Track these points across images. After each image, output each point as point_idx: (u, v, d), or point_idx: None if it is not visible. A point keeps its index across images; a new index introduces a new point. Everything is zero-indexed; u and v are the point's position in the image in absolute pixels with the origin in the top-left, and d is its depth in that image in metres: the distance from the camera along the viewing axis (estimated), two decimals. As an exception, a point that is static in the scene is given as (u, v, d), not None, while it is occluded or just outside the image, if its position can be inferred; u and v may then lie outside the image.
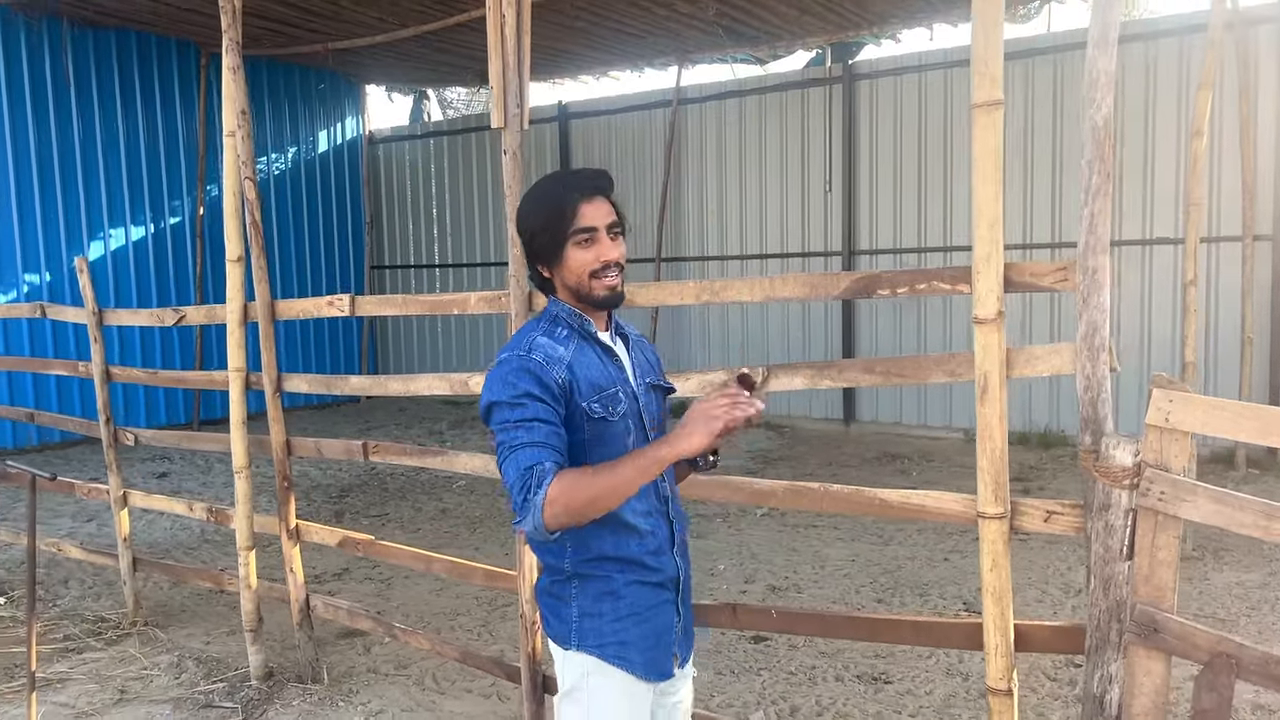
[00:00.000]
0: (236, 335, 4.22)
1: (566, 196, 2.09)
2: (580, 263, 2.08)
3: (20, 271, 9.95)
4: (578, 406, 2.04)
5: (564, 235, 2.07)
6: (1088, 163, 2.23)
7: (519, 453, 1.94)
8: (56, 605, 5.41)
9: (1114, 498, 2.25)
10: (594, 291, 2.10)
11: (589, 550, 2.11)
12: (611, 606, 2.11)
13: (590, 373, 2.08)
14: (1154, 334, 8.92)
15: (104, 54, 10.57)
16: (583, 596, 2.12)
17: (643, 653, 2.12)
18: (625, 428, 2.11)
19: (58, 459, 9.32)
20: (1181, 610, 4.86)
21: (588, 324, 2.14)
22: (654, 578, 2.14)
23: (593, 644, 2.11)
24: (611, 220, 2.11)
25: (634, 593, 2.12)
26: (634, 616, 2.12)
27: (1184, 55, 8.54)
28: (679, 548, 2.23)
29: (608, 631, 2.11)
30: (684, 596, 2.24)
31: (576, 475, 1.90)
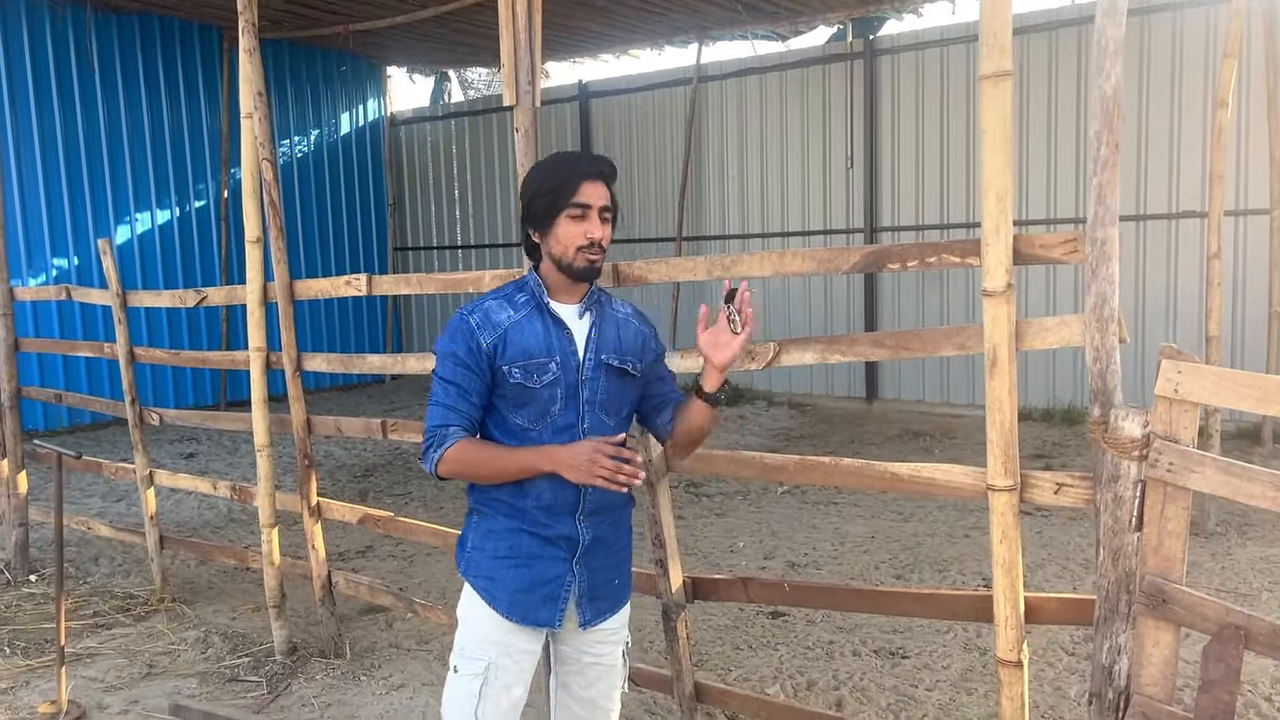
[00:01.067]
0: (256, 315, 4.26)
1: (571, 171, 2.25)
2: (569, 234, 2.25)
3: (49, 255, 10.09)
4: (499, 369, 2.23)
5: (560, 205, 2.24)
6: (1096, 133, 2.22)
7: (435, 408, 2.24)
8: (87, 582, 5.52)
9: (1123, 469, 2.24)
10: (575, 262, 2.26)
11: (489, 491, 2.30)
12: (492, 545, 2.31)
13: (527, 340, 2.25)
14: (1180, 308, 8.83)
15: (127, 39, 10.65)
16: (475, 531, 2.35)
17: (510, 594, 2.28)
18: (551, 396, 2.25)
19: (88, 440, 9.48)
20: (1203, 585, 4.86)
21: (543, 295, 2.31)
22: (542, 531, 2.28)
23: (473, 573, 2.34)
24: (605, 204, 2.27)
25: (513, 538, 2.29)
26: (510, 559, 2.29)
27: (1210, 25, 8.40)
28: (588, 514, 2.30)
29: (484, 565, 2.32)
30: (589, 560, 2.33)
31: (472, 450, 2.20)
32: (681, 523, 6.22)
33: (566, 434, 2.26)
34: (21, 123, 9.83)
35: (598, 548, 2.34)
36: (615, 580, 2.42)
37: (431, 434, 2.22)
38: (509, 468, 2.20)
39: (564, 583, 2.31)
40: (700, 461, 3.15)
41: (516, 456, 2.20)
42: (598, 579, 2.36)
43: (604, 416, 2.33)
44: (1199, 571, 5.12)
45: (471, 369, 2.22)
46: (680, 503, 6.81)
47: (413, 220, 14.15)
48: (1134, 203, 8.84)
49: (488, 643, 2.30)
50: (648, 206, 11.94)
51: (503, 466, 2.21)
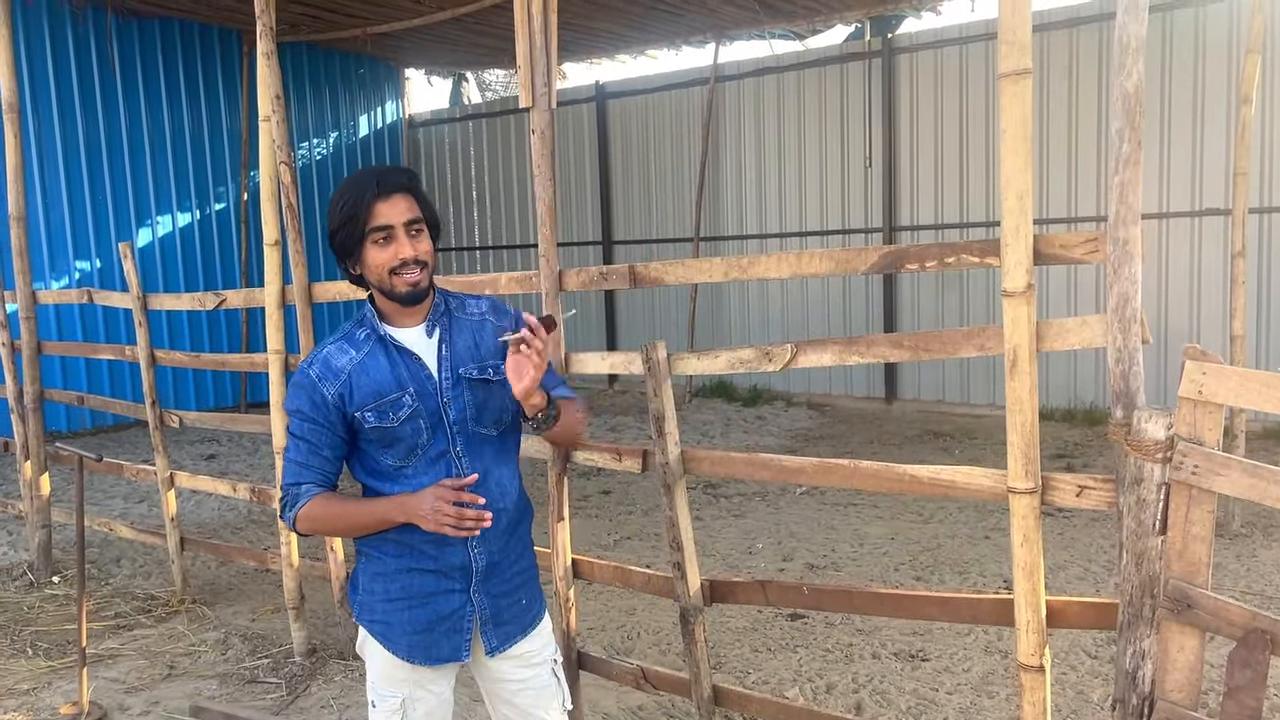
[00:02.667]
0: (274, 318, 4.28)
1: (360, 196, 2.11)
2: (378, 261, 2.13)
3: (71, 258, 10.17)
4: (353, 415, 2.15)
5: (359, 234, 2.12)
6: (1118, 131, 2.19)
7: (288, 465, 2.19)
8: (108, 584, 5.55)
9: (1146, 471, 2.21)
10: (395, 288, 2.14)
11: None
12: (383, 587, 2.24)
13: (374, 379, 2.15)
14: (1203, 307, 8.74)
15: (148, 43, 10.73)
16: (365, 573, 2.28)
17: (408, 636, 2.22)
18: (415, 429, 2.16)
19: (110, 441, 9.55)
20: (1228, 588, 4.81)
21: (379, 328, 2.20)
22: (430, 565, 2.20)
23: (366, 618, 2.27)
24: (410, 218, 2.14)
25: (405, 579, 2.22)
26: (403, 601, 2.22)
27: (1233, 21, 8.31)
28: (479, 541, 2.21)
29: (378, 610, 2.25)
30: (487, 587, 2.25)
31: (325, 507, 2.15)
32: (699, 524, 6.20)
33: (441, 462, 2.17)
34: (44, 126, 9.92)
35: (495, 572, 2.26)
36: (522, 600, 2.33)
37: (285, 492, 2.18)
38: (366, 522, 2.16)
39: (464, 614, 2.24)
40: (718, 464, 3.14)
41: (369, 510, 2.15)
42: (500, 604, 2.28)
43: (480, 430, 2.22)
44: (1223, 574, 5.06)
45: (319, 423, 2.15)
46: (698, 504, 6.79)
47: (431, 222, 14.17)
48: (1156, 200, 8.75)
49: (396, 681, 2.26)
50: (665, 207, 11.93)
51: (360, 522, 2.17)
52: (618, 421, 10.22)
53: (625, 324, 12.35)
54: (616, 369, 3.34)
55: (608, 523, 6.52)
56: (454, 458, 2.19)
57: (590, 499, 7.10)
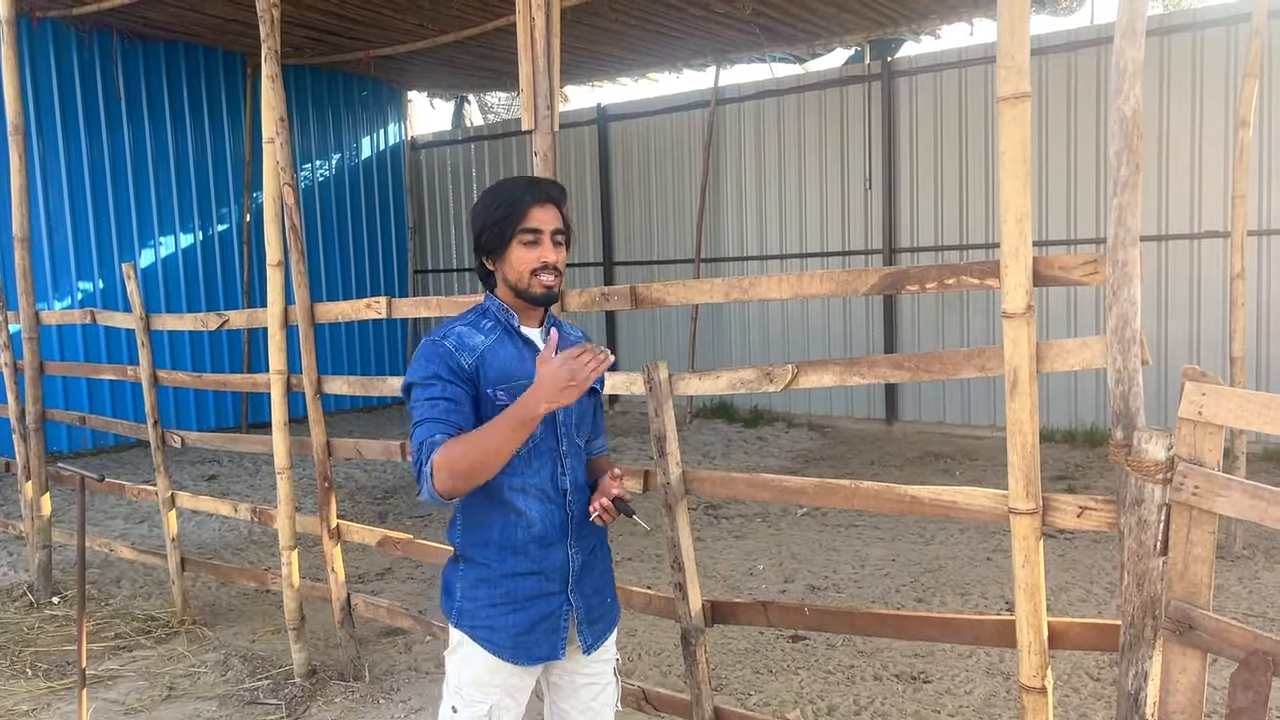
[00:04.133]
0: (277, 338, 4.29)
1: (520, 197, 2.26)
2: (522, 260, 2.26)
3: (74, 278, 10.21)
4: (483, 393, 2.20)
5: (511, 232, 2.25)
6: (1116, 154, 2.21)
7: (419, 428, 2.13)
8: (109, 604, 5.54)
9: (1147, 492, 2.22)
10: (531, 288, 2.27)
11: (477, 533, 2.30)
12: (487, 593, 2.29)
13: (503, 363, 2.24)
14: (1203, 329, 8.75)
15: (153, 66, 10.81)
16: (465, 580, 2.32)
17: (512, 638, 2.28)
18: None
19: (112, 462, 9.55)
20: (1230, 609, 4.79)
21: (512, 318, 2.32)
22: (533, 567, 2.28)
23: (467, 624, 2.31)
24: (557, 227, 2.28)
25: (510, 583, 2.28)
26: (507, 605, 2.28)
27: (1231, 45, 8.37)
28: (576, 538, 2.35)
29: (480, 616, 2.29)
30: (581, 587, 2.36)
31: (455, 441, 2.07)
32: (700, 545, 6.19)
33: (549, 459, 2.30)
34: (49, 147, 9.98)
35: (587, 572, 2.38)
36: (608, 599, 2.47)
37: (419, 452, 2.10)
38: (501, 435, 2.02)
39: (562, 614, 2.33)
40: (719, 484, 3.15)
41: (502, 423, 2.04)
42: (592, 602, 2.40)
43: (576, 439, 2.37)
44: (1226, 595, 5.05)
45: (459, 384, 2.17)
46: (699, 525, 6.78)
47: (433, 243, 14.24)
48: (1156, 223, 8.78)
49: (489, 686, 2.30)
50: (666, 228, 11.97)
51: (496, 434, 2.03)
52: (619, 442, 10.22)
53: (626, 345, 12.37)
54: (618, 389, 3.35)
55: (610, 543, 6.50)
56: (559, 457, 2.31)
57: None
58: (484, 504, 2.27)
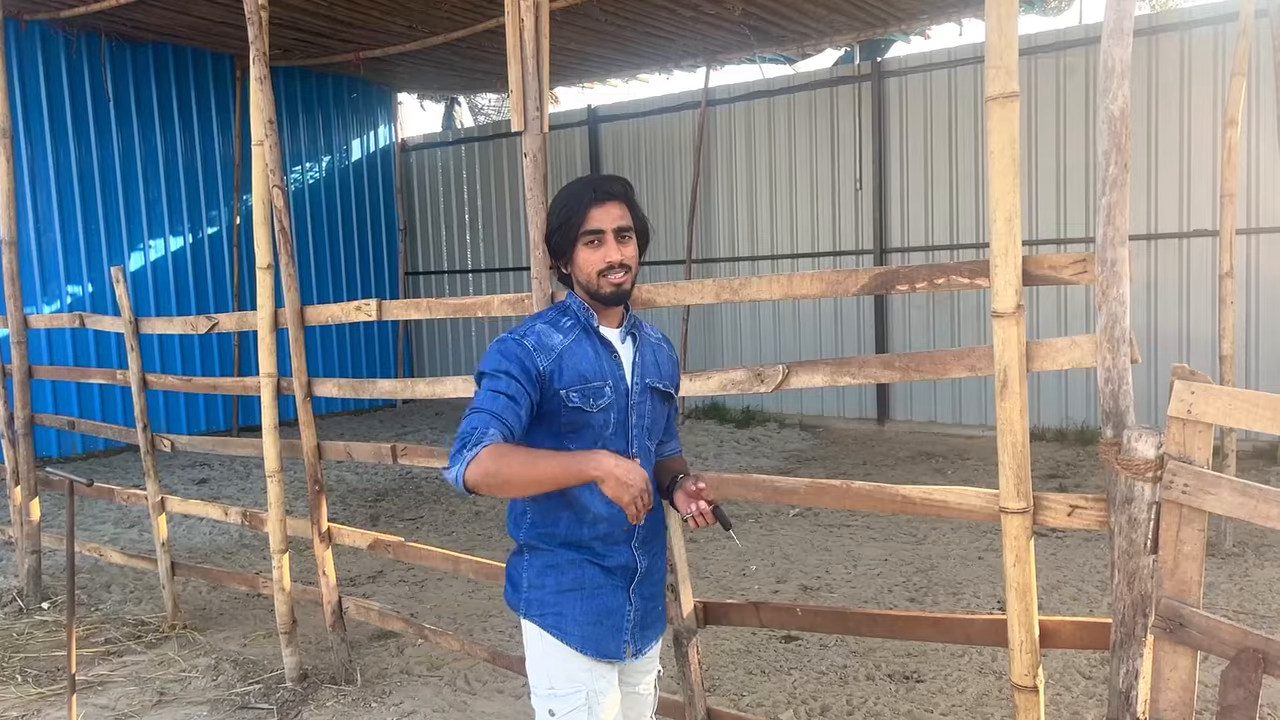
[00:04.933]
0: (267, 341, 4.28)
1: (578, 201, 2.24)
2: (588, 261, 2.25)
3: (64, 283, 10.17)
4: (556, 393, 2.19)
5: (574, 236, 2.24)
6: (1105, 153, 2.21)
7: (475, 414, 2.10)
8: (99, 609, 5.52)
9: (1137, 491, 2.22)
10: (600, 288, 2.25)
11: (543, 526, 2.28)
12: (555, 580, 2.28)
13: (580, 364, 2.23)
14: (1193, 327, 8.78)
15: (142, 68, 10.77)
16: (531, 568, 2.31)
17: (581, 627, 2.26)
18: (604, 421, 2.24)
19: (102, 466, 9.51)
20: (1221, 607, 4.81)
21: (592, 318, 2.29)
22: (602, 561, 2.28)
23: (536, 613, 2.28)
24: (621, 224, 2.25)
25: (577, 569, 2.27)
26: (576, 591, 2.27)
27: (1219, 44, 8.40)
28: (642, 541, 2.33)
29: (549, 602, 2.27)
30: (641, 589, 2.35)
31: (508, 451, 2.03)
32: (693, 546, 6.19)
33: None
34: (37, 150, 9.94)
35: (648, 576, 2.37)
36: (659, 607, 2.45)
37: (467, 435, 2.05)
38: (550, 466, 2.02)
39: (624, 613, 2.31)
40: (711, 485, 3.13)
41: (558, 460, 2.04)
42: (648, 606, 2.38)
43: (647, 442, 2.36)
44: (1217, 593, 5.06)
45: (524, 386, 2.15)
46: (692, 526, 6.77)
47: (424, 245, 14.21)
48: (1145, 222, 8.81)
49: (576, 677, 2.25)
50: (657, 229, 11.93)
51: (543, 466, 2.02)
52: (611, 444, 10.22)
53: (618, 346, 12.34)
54: (609, 391, 3.34)
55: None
56: (629, 455, 2.27)
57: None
58: (555, 499, 2.23)
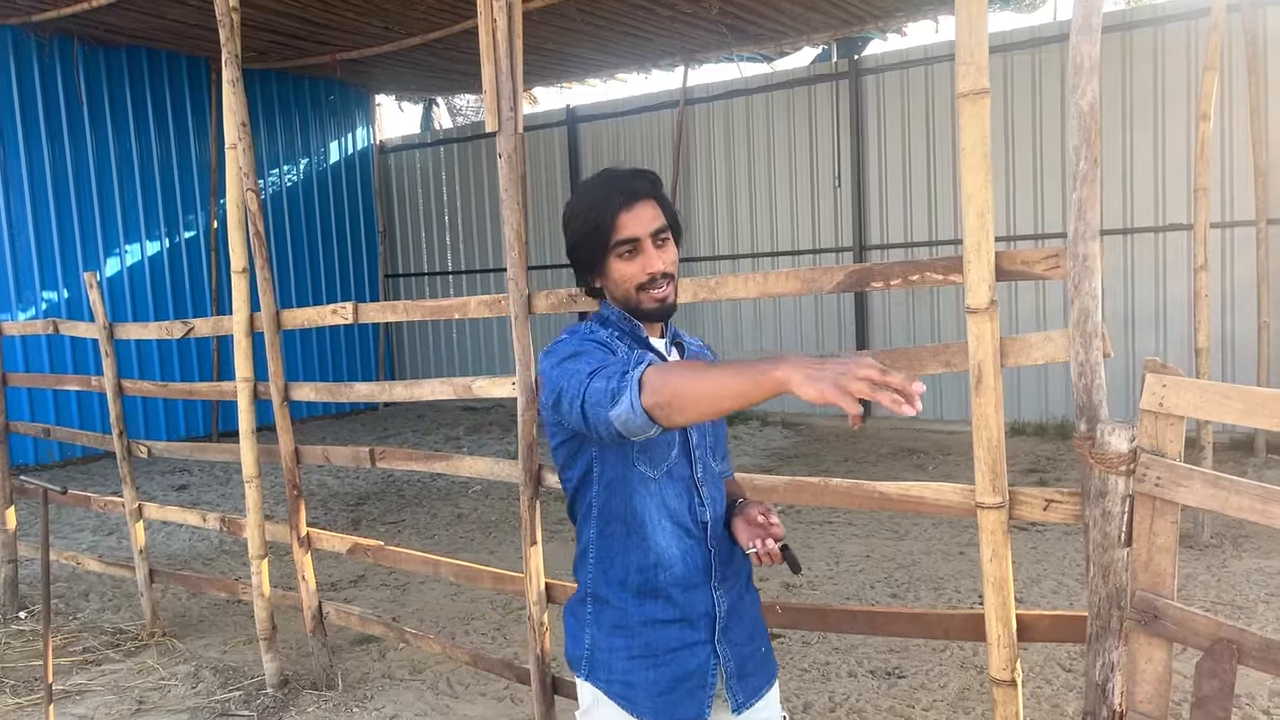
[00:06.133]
0: (243, 345, 4.25)
1: (605, 206, 1.92)
2: (625, 275, 1.94)
3: (39, 289, 10.07)
4: None
5: (605, 247, 1.93)
6: (1075, 149, 2.22)
7: (596, 376, 1.73)
8: (77, 618, 5.47)
9: (1110, 484, 2.23)
10: (641, 304, 1.96)
11: (612, 569, 1.99)
12: (624, 643, 1.98)
13: None
14: (1169, 320, 8.85)
15: (115, 72, 10.69)
16: (597, 625, 2.01)
17: (653, 698, 1.96)
18: (669, 440, 1.96)
19: (79, 473, 9.43)
20: (1199, 598, 4.84)
21: (638, 329, 2.01)
22: (676, 614, 1.97)
23: (601, 677, 1.99)
24: (657, 227, 1.94)
25: (649, 632, 1.97)
26: (648, 659, 1.96)
27: (1192, 39, 8.47)
28: (721, 579, 2.03)
29: (617, 669, 1.98)
30: (729, 635, 2.03)
31: (671, 366, 1.70)
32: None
33: (684, 488, 1.99)
34: (9, 155, 9.85)
35: (734, 619, 2.04)
36: (761, 649, 2.12)
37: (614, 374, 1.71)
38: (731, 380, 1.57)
39: (708, 669, 1.99)
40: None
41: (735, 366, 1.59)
42: (743, 653, 2.05)
43: (712, 462, 2.08)
44: (1195, 585, 5.10)
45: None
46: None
47: (403, 247, 14.17)
48: (1121, 216, 8.87)
49: None
50: (638, 229, 11.96)
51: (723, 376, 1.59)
52: (593, 444, 10.21)
53: (599, 346, 12.34)
54: (587, 391, 3.33)
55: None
56: (694, 486, 2.01)
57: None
58: (622, 538, 1.97)
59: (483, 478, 3.92)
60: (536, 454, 3.41)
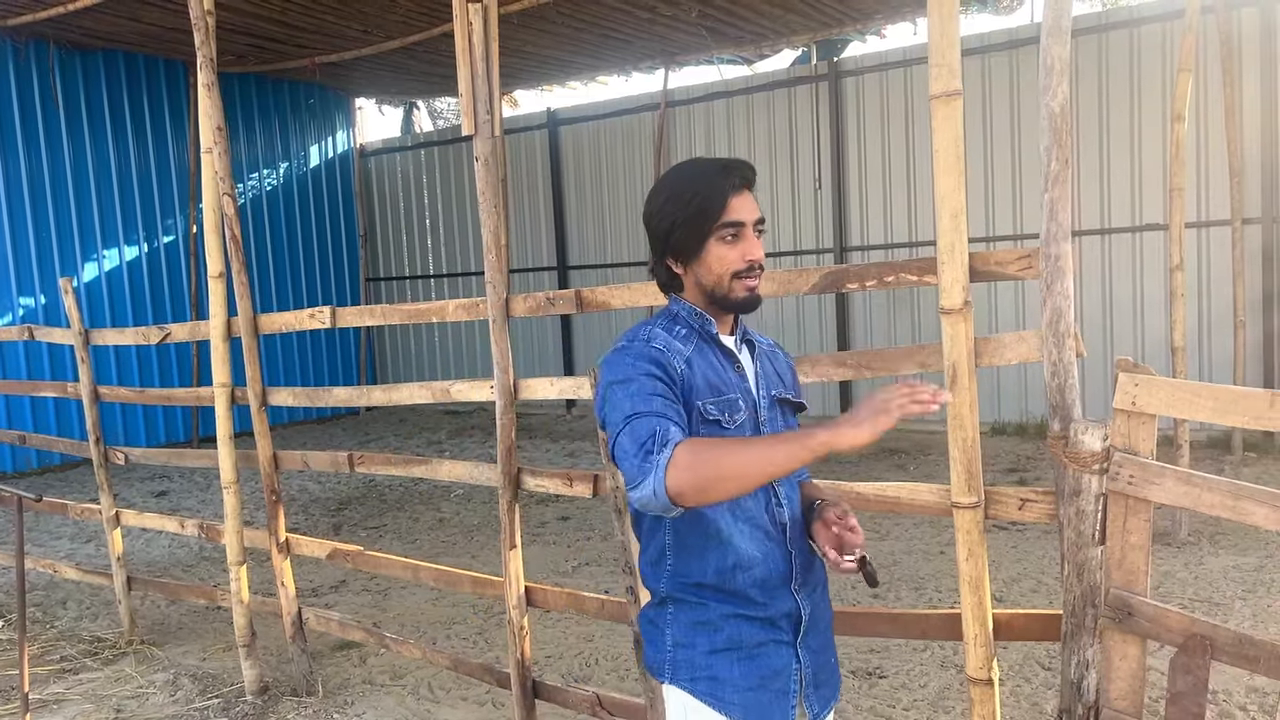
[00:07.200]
0: (220, 350, 4.23)
1: (716, 186, 1.88)
2: (724, 260, 1.89)
3: (15, 295, 9.98)
4: (693, 405, 1.84)
5: (709, 228, 1.88)
6: (1046, 149, 2.24)
7: (636, 422, 1.73)
8: (54, 626, 5.42)
9: (1084, 483, 2.25)
10: (733, 293, 1.92)
11: (688, 574, 1.91)
12: (707, 639, 1.90)
13: (709, 374, 1.90)
14: (1147, 320, 8.91)
15: (92, 76, 10.61)
16: (676, 624, 1.93)
17: (741, 694, 1.87)
18: (741, 436, 1.89)
19: (58, 481, 9.35)
20: (1176, 595, 4.87)
21: (709, 324, 1.95)
22: (759, 613, 1.90)
23: (685, 677, 1.90)
24: (759, 216, 1.93)
25: (733, 626, 1.89)
26: (732, 651, 1.89)
27: (1167, 41, 8.54)
28: (802, 583, 1.96)
29: (700, 664, 1.89)
30: (809, 641, 1.96)
31: (708, 442, 1.71)
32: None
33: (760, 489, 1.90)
34: (-15, 162, 9.76)
35: (815, 623, 1.98)
36: (832, 660, 2.06)
37: (644, 441, 1.69)
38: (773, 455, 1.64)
39: (791, 672, 1.92)
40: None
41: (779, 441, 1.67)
42: (819, 661, 1.99)
43: None
44: (1173, 582, 5.14)
45: (671, 388, 1.81)
46: (657, 527, 6.77)
47: (384, 251, 14.12)
48: (1098, 216, 8.93)
49: None
50: (620, 231, 11.97)
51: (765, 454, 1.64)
52: (576, 447, 10.20)
53: (582, 349, 12.35)
54: (566, 394, 3.33)
55: (566, 549, 6.49)
56: (772, 486, 1.94)
57: (549, 525, 7.06)
58: (698, 541, 1.89)
59: (463, 482, 3.91)
60: (516, 458, 3.41)
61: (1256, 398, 2.01)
